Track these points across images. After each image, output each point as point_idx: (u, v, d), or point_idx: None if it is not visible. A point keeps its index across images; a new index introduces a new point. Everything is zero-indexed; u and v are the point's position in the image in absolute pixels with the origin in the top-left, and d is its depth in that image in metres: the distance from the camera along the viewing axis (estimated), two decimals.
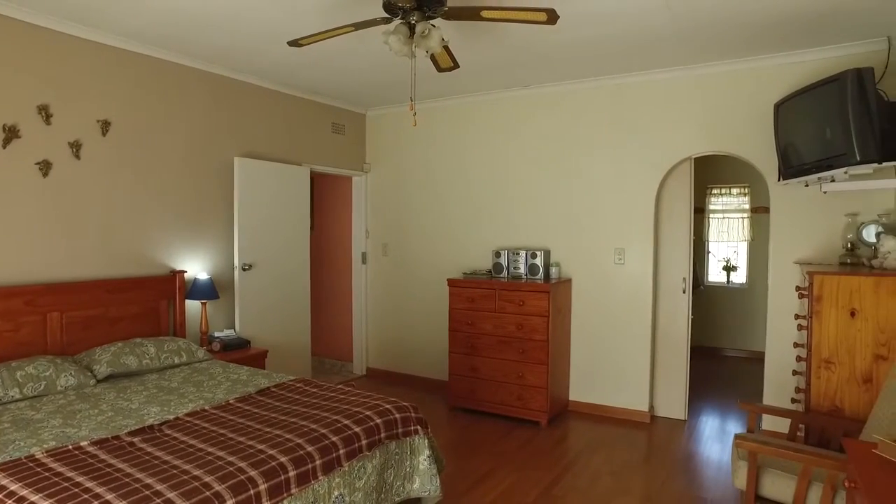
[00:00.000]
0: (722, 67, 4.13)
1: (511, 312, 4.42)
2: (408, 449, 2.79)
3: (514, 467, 3.65)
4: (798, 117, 3.55)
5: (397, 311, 5.69)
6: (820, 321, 3.05)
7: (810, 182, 3.55)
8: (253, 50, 3.92)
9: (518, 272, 4.67)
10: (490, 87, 4.91)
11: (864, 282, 2.96)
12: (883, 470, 1.91)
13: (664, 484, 3.46)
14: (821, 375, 3.06)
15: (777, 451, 2.51)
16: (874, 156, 3.06)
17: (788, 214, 4.02)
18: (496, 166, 5.08)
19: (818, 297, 3.05)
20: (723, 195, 6.87)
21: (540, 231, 4.87)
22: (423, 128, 5.45)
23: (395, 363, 5.73)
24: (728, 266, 6.95)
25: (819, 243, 3.92)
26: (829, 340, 3.03)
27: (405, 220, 5.62)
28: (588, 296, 4.67)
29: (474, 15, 2.54)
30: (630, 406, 4.53)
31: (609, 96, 4.56)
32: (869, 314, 2.95)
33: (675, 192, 4.52)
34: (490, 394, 4.56)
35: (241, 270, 4.46)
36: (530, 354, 4.36)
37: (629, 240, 4.51)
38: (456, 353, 4.72)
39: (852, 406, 3.00)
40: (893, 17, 3.33)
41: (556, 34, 3.53)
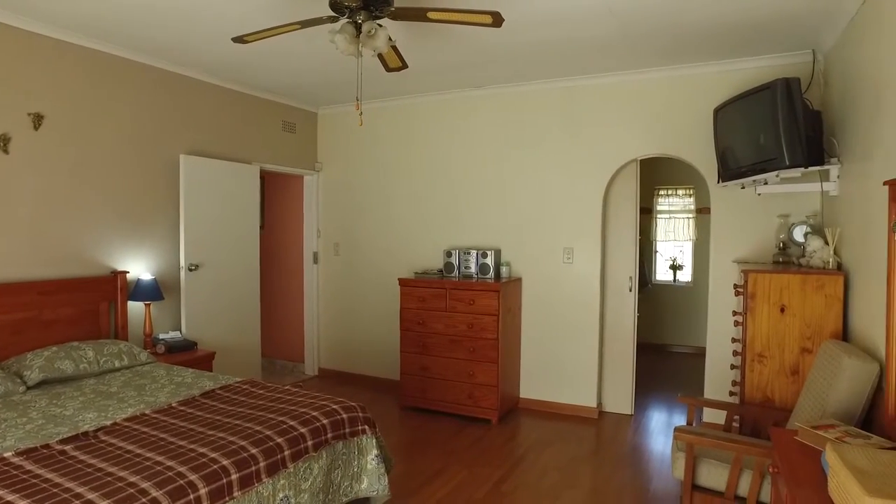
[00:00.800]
0: (666, 73, 4.28)
1: (462, 311, 4.46)
2: (355, 449, 2.78)
3: (465, 465, 3.68)
4: (734, 122, 3.71)
5: (349, 311, 5.66)
6: (753, 317, 3.20)
7: (746, 184, 3.71)
8: (199, 45, 3.83)
9: (469, 272, 4.71)
10: (442, 87, 4.94)
11: (792, 279, 3.12)
12: (803, 455, 2.02)
13: (610, 477, 3.55)
14: (754, 369, 3.20)
15: (711, 442, 2.62)
16: (801, 160, 3.23)
17: (727, 215, 4.19)
18: (448, 166, 5.11)
19: (752, 294, 3.20)
20: (669, 196, 7.10)
21: (491, 231, 4.93)
22: (374, 127, 5.44)
23: (347, 363, 5.69)
24: (674, 265, 7.19)
25: (755, 243, 4.10)
26: (762, 335, 3.18)
27: (357, 220, 5.59)
28: (538, 294, 4.76)
29: (420, 16, 2.55)
30: (579, 402, 4.64)
31: (559, 98, 4.65)
32: (796, 310, 3.11)
33: (622, 192, 4.65)
34: (441, 393, 4.59)
35: (188, 271, 4.35)
36: (481, 353, 4.41)
37: (578, 239, 4.61)
38: (407, 353, 4.72)
39: (781, 396, 3.15)
40: (817, 33, 3.53)
41: (504, 36, 3.58)
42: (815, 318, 3.07)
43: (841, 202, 3.35)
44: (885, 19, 2.58)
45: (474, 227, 5.01)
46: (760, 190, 3.72)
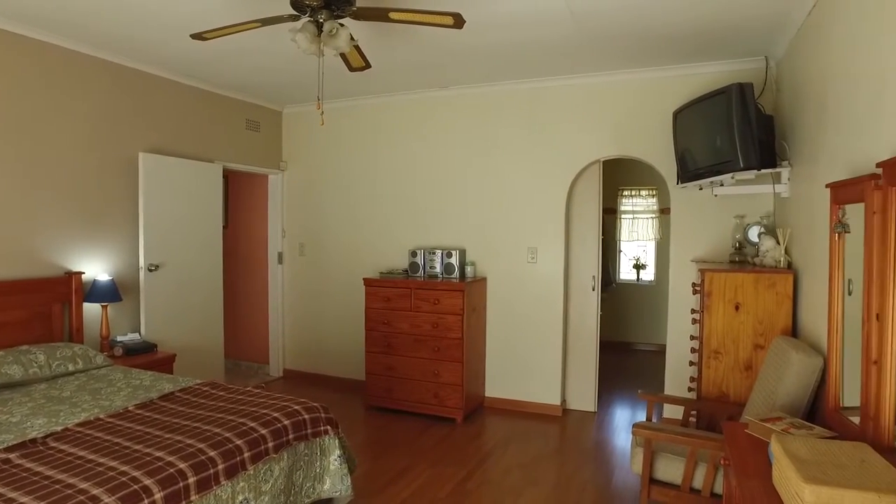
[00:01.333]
0: (628, 76, 4.36)
1: (426, 311, 4.47)
2: (318, 450, 2.76)
3: (429, 464, 3.69)
4: (692, 125, 3.80)
5: (314, 311, 5.61)
6: (710, 315, 3.29)
7: (704, 186, 3.81)
8: (158, 41, 3.75)
9: (434, 271, 4.73)
10: (407, 88, 4.94)
11: (745, 278, 3.22)
12: (752, 447, 2.09)
13: (572, 473, 3.61)
14: (710, 365, 3.30)
15: (668, 437, 2.69)
16: (755, 163, 3.33)
17: (686, 215, 4.30)
18: (413, 166, 5.11)
19: (708, 292, 3.29)
20: (633, 197, 7.23)
21: (456, 231, 4.95)
22: (340, 126, 5.40)
23: (312, 364, 5.64)
24: (638, 264, 7.34)
25: (713, 242, 4.21)
26: (718, 332, 3.27)
27: (323, 220, 5.55)
28: (502, 294, 4.80)
29: (382, 16, 2.55)
30: (543, 400, 4.69)
31: (523, 100, 4.70)
32: (750, 307, 3.21)
33: (585, 193, 4.72)
34: (406, 392, 4.59)
35: (148, 271, 4.25)
36: (446, 352, 4.42)
37: (542, 239, 4.66)
38: (372, 353, 4.71)
39: (736, 391, 3.25)
40: (769, 41, 3.65)
41: (467, 37, 3.60)
42: (767, 315, 3.18)
43: (791, 204, 3.47)
44: (827, 30, 2.69)
45: (439, 226, 5.03)
46: (717, 191, 3.83)
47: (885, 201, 1.81)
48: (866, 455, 1.69)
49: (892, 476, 1.54)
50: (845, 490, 1.43)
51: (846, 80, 2.37)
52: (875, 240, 1.87)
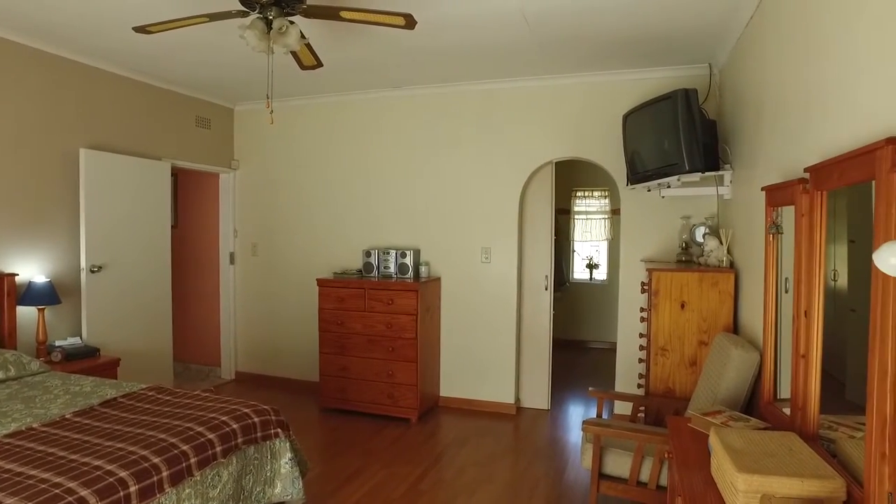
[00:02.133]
0: (580, 79, 4.45)
1: (380, 311, 4.45)
2: (268, 453, 2.72)
3: (384, 464, 3.68)
4: (641, 128, 3.91)
5: (267, 312, 5.51)
6: (657, 313, 3.39)
7: (652, 187, 3.92)
8: (98, 32, 3.60)
9: (388, 271, 4.72)
10: (361, 87, 4.91)
11: (690, 277, 3.33)
12: (694, 440, 2.17)
13: (525, 470, 3.66)
14: (657, 362, 3.40)
15: (615, 433, 2.76)
16: (699, 166, 3.45)
17: (636, 216, 4.42)
18: (367, 166, 5.09)
19: (655, 291, 3.39)
20: (586, 198, 7.38)
21: (410, 231, 4.95)
22: (294, 125, 5.33)
23: (265, 366, 5.54)
24: (591, 264, 7.49)
25: (661, 243, 4.34)
26: (664, 330, 3.38)
27: (275, 220, 5.46)
28: (457, 293, 4.82)
29: (333, 14, 2.53)
30: (497, 399, 4.74)
31: (477, 101, 4.73)
32: (695, 305, 3.32)
33: (538, 194, 4.79)
34: (361, 393, 4.56)
35: (90, 272, 4.09)
36: (400, 352, 4.42)
37: (495, 239, 4.71)
38: (326, 354, 4.66)
39: (682, 387, 3.36)
40: (712, 49, 3.80)
41: (421, 38, 3.61)
42: (710, 313, 3.30)
43: (733, 205, 3.61)
44: (763, 42, 2.82)
45: (394, 226, 5.01)
46: (664, 193, 3.95)
47: (812, 204, 1.91)
48: (794, 444, 1.77)
49: (815, 462, 1.63)
50: (773, 477, 1.51)
51: (780, 89, 2.48)
52: (803, 241, 1.97)
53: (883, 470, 1.36)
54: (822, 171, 1.83)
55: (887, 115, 1.50)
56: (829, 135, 1.88)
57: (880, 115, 1.54)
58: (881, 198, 1.42)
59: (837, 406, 1.89)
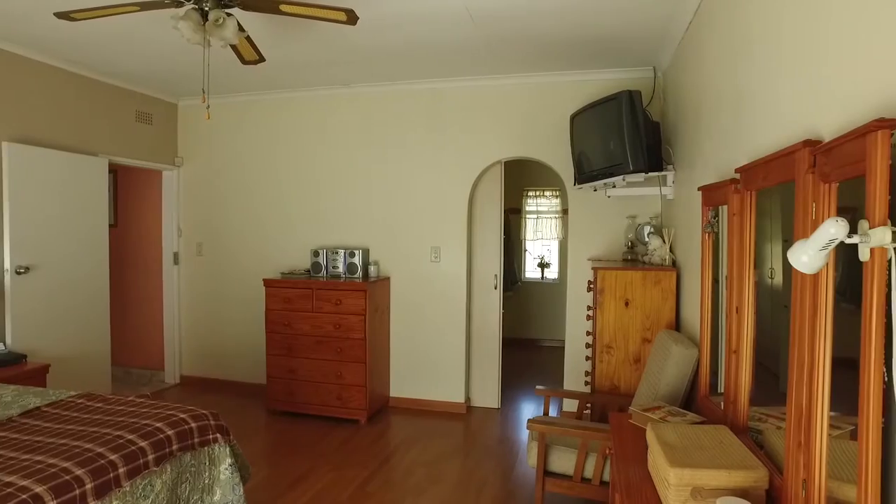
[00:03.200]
0: (527, 79, 4.48)
1: (328, 312, 4.38)
2: (206, 459, 2.62)
3: (332, 467, 3.61)
4: (587, 129, 3.97)
5: (213, 314, 5.35)
6: (602, 311, 3.44)
7: (598, 187, 3.98)
8: (20, 15, 3.37)
9: (337, 271, 4.64)
10: (308, 84, 4.82)
11: (634, 275, 3.40)
12: (633, 435, 2.20)
13: (474, 469, 3.66)
14: (603, 359, 3.45)
15: (560, 431, 2.78)
16: (643, 166, 3.53)
17: (584, 216, 4.48)
18: (315, 164, 5.00)
19: (601, 289, 3.44)
20: (537, 197, 7.46)
21: (359, 230, 4.89)
22: (240, 122, 5.19)
23: (211, 369, 5.38)
24: (542, 263, 7.58)
25: (608, 242, 4.42)
26: (609, 327, 3.43)
27: (221, 219, 5.30)
28: (406, 293, 4.79)
29: (273, 7, 2.46)
30: (447, 399, 4.73)
31: (425, 99, 4.71)
32: (639, 303, 3.39)
33: (488, 193, 4.81)
34: (309, 395, 4.47)
35: (15, 273, 3.87)
36: (348, 353, 4.36)
37: (445, 239, 4.70)
38: (273, 356, 4.56)
39: (626, 384, 3.42)
40: (655, 52, 3.89)
41: (366, 35, 3.56)
42: (654, 311, 3.37)
43: (675, 205, 3.70)
44: (700, 47, 2.89)
45: (342, 226, 4.94)
46: (610, 193, 4.02)
47: (743, 204, 1.97)
48: (724, 437, 1.82)
49: (742, 453, 1.68)
50: (702, 470, 1.54)
51: (715, 92, 2.55)
52: (734, 239, 2.02)
53: (798, 458, 1.40)
54: (751, 171, 1.88)
55: (804, 119, 1.55)
56: (758, 137, 1.94)
57: (798, 119, 1.59)
58: (799, 197, 1.47)
59: (772, 398, 1.95)
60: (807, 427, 1.35)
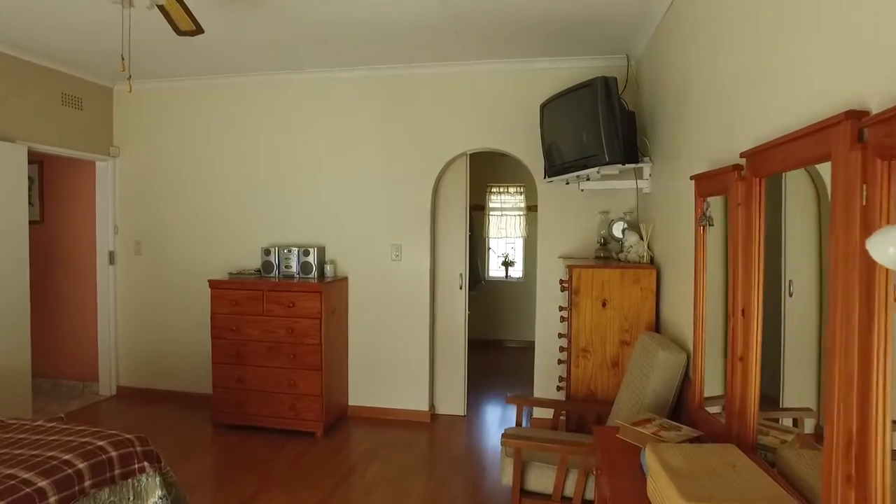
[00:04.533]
0: (495, 66, 4.21)
1: (280, 315, 4.01)
2: (130, 493, 2.25)
3: (284, 488, 3.26)
4: (559, 118, 3.73)
5: (153, 318, 4.89)
6: (578, 312, 3.20)
7: (570, 180, 3.75)
8: None
9: (290, 271, 4.28)
10: (259, 68, 4.43)
11: (612, 274, 3.17)
12: (624, 453, 1.95)
13: (440, 486, 3.36)
14: (579, 364, 3.21)
15: (538, 446, 2.52)
16: (619, 157, 3.31)
17: (554, 211, 4.24)
18: (268, 156, 4.61)
19: (576, 289, 3.20)
20: (502, 194, 7.22)
21: (314, 227, 4.53)
22: (183, 108, 4.75)
23: (151, 379, 4.91)
24: (506, 261, 7.35)
25: (580, 238, 4.19)
26: (585, 329, 3.20)
27: (163, 214, 4.85)
28: (365, 294, 4.46)
29: None
30: (410, 406, 4.42)
31: (386, 87, 4.39)
32: (616, 303, 3.16)
33: (452, 187, 4.52)
34: (260, 406, 4.09)
35: None
36: (302, 360, 4.00)
37: (406, 236, 4.39)
38: (220, 364, 4.15)
39: (604, 389, 3.19)
40: (629, 39, 3.68)
41: (319, 10, 3.22)
42: (632, 311, 3.15)
43: (653, 199, 3.49)
44: (683, 29, 2.68)
45: (296, 222, 4.57)
46: (583, 186, 3.79)
47: (749, 192, 1.74)
48: (736, 458, 1.59)
49: (762, 482, 1.45)
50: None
51: (708, 75, 2.33)
52: (739, 233, 1.79)
53: (848, 496, 1.16)
54: (762, 155, 1.65)
55: (840, 87, 1.32)
56: (772, 116, 1.70)
57: (831, 89, 1.35)
58: (839, 180, 1.23)
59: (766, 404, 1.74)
60: (860, 458, 1.11)
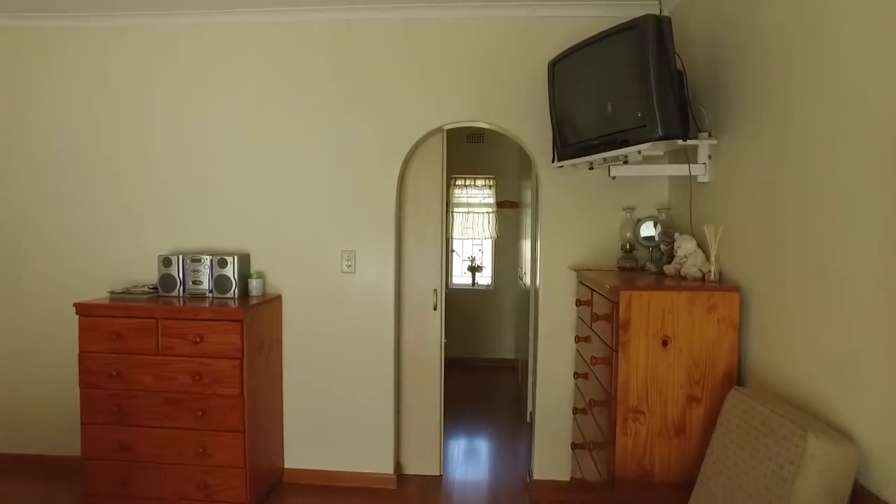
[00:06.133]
0: (484, 11, 3.14)
1: (184, 354, 2.79)
2: None
3: None
4: (580, 79, 2.72)
5: (7, 357, 3.51)
6: (627, 354, 2.18)
7: (596, 164, 2.73)
8: None
9: (200, 289, 3.06)
10: (161, 5, 3.16)
11: (677, 298, 2.16)
12: None
13: None
14: (628, 429, 2.19)
15: None
16: (677, 130, 2.33)
17: (562, 208, 3.20)
18: (169, 131, 3.34)
19: (625, 321, 2.18)
20: (468, 187, 6.16)
21: (234, 228, 3.31)
22: (47, 61, 3.40)
23: (5, 440, 3.54)
24: (473, 266, 6.30)
25: (594, 243, 3.18)
26: (638, 380, 2.19)
27: (16, 210, 3.47)
28: (307, 319, 3.29)
29: None
30: (369, 468, 3.29)
31: (334, 37, 3.23)
32: (683, 342, 2.17)
33: (424, 176, 3.42)
34: (155, 484, 2.86)
35: None
36: (216, 418, 2.80)
37: (363, 240, 3.26)
38: (93, 425, 2.89)
39: (664, 467, 2.19)
40: None
41: None
42: (705, 353, 2.16)
43: (715, 190, 2.52)
44: None
45: (209, 222, 3.33)
46: (617, 172, 2.75)
47: None
48: None
49: None
50: None
51: None
52: None
53: None
54: None
55: None
56: None
57: None
58: None
59: None
60: None
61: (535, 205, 4.20)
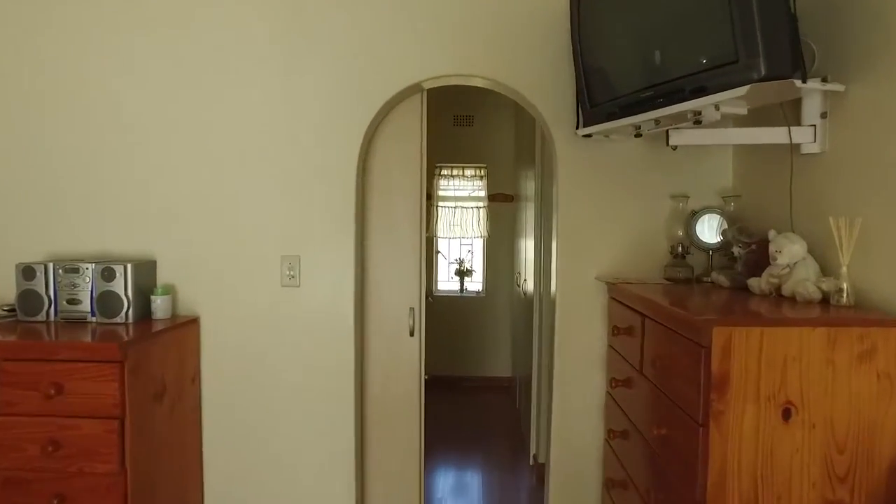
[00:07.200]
0: None
1: (32, 413, 1.83)
2: None
3: None
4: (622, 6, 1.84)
5: None
6: (723, 433, 1.31)
7: (646, 128, 1.85)
8: None
9: (79, 310, 2.12)
10: None
11: (807, 339, 1.30)
12: None
13: None
14: None
15: None
16: (787, 67, 1.47)
17: (586, 195, 2.32)
18: (42, 94, 2.39)
19: (721, 377, 1.31)
20: (455, 178, 5.28)
21: (131, 225, 2.36)
22: None
23: None
24: (461, 270, 5.41)
25: (628, 244, 2.32)
26: (747, 468, 1.32)
27: None
28: (235, 349, 2.36)
29: None
30: None
31: None
32: (816, 412, 1.31)
33: (395, 153, 2.52)
34: None
35: None
36: None
37: (311, 241, 2.34)
38: None
39: None
40: None
41: None
42: (854, 431, 1.31)
43: (833, 165, 1.66)
44: None
45: (96, 218, 2.38)
46: (677, 139, 1.86)
47: None
48: None
49: None
50: None
51: None
52: None
53: None
54: None
55: None
56: None
57: None
58: None
59: None
60: None
61: (541, 197, 3.36)
